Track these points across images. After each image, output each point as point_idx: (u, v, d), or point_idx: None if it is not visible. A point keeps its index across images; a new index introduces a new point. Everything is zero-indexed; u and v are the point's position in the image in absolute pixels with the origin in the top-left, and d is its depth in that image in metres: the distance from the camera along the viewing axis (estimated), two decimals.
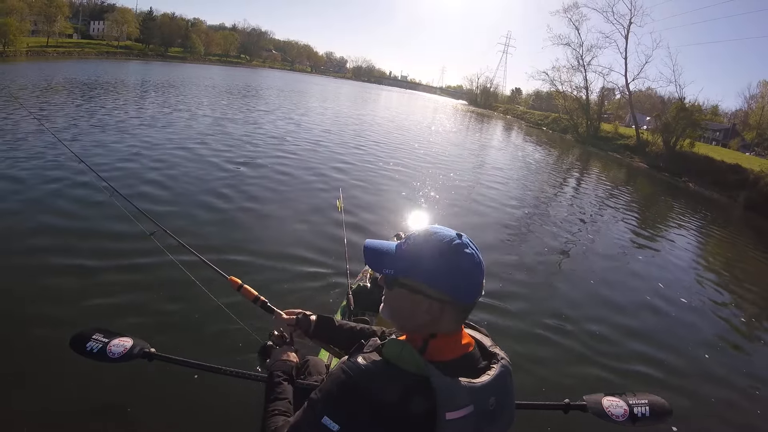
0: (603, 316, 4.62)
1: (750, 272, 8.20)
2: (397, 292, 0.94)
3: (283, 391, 1.20)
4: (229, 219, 5.38)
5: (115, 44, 54.68)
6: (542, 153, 22.96)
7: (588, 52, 37.17)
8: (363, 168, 9.53)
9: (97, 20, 59.73)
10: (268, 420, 1.12)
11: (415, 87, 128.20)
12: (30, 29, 38.97)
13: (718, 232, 11.60)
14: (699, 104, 29.23)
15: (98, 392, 2.47)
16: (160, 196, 5.76)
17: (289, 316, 1.50)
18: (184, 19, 72.28)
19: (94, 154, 7.30)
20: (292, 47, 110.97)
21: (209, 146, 9.12)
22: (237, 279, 1.71)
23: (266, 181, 7.29)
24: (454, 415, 0.82)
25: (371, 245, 1.00)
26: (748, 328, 5.32)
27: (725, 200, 18.23)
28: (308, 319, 1.46)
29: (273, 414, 1.13)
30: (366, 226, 5.80)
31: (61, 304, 3.23)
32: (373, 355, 0.93)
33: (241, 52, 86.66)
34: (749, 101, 46.63)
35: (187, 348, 2.87)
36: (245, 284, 1.70)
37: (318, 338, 1.47)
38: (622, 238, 8.18)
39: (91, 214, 4.81)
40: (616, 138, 32.17)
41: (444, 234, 0.93)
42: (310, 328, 1.45)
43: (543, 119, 47.30)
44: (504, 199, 9.25)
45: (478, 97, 76.55)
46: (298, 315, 1.47)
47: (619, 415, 1.57)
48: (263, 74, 56.95)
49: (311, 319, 1.46)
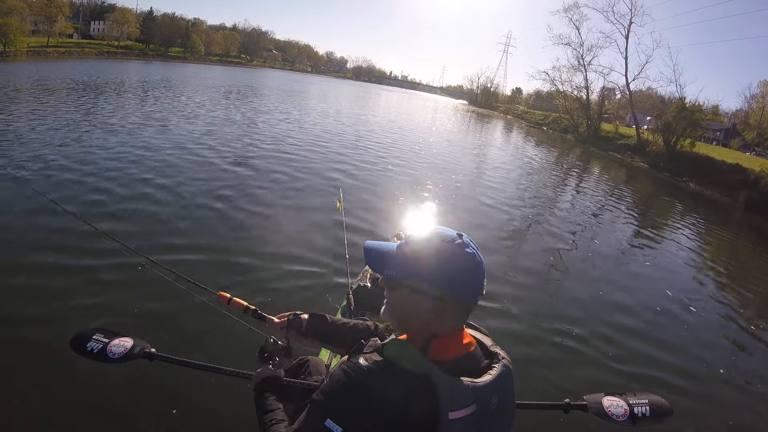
0: (603, 316, 4.62)
1: (751, 272, 8.20)
2: (399, 293, 0.94)
3: (273, 402, 1.20)
4: (229, 219, 5.38)
5: (115, 44, 54.72)
6: (543, 153, 22.94)
7: (588, 52, 37.31)
8: (363, 168, 9.52)
9: (98, 20, 59.77)
10: (269, 429, 1.12)
11: (415, 87, 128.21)
12: (30, 29, 39.01)
13: (719, 232, 11.58)
14: (699, 104, 29.26)
15: (98, 392, 2.48)
16: (157, 198, 5.77)
17: (280, 319, 1.50)
18: (185, 19, 72.41)
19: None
20: (292, 47, 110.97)
21: (209, 146, 9.12)
22: (226, 294, 1.71)
23: (266, 181, 7.29)
24: (456, 414, 0.82)
25: (371, 246, 1.00)
26: (748, 328, 5.32)
27: (726, 200, 18.21)
28: (299, 318, 1.46)
29: (272, 423, 1.13)
30: (366, 227, 5.80)
31: (60, 305, 3.23)
32: (374, 355, 0.93)
33: (241, 52, 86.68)
34: (750, 101, 46.78)
35: (188, 348, 2.88)
36: (234, 297, 1.70)
37: (312, 336, 1.47)
38: (622, 238, 8.18)
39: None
40: (616, 138, 32.18)
41: (445, 234, 0.93)
42: (302, 327, 1.45)
43: (543, 119, 47.31)
44: (504, 199, 9.24)
45: (479, 97, 76.58)
46: (288, 316, 1.48)
47: (620, 414, 1.56)
48: (264, 74, 56.96)
49: (302, 318, 1.46)
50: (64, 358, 1.88)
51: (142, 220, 4.97)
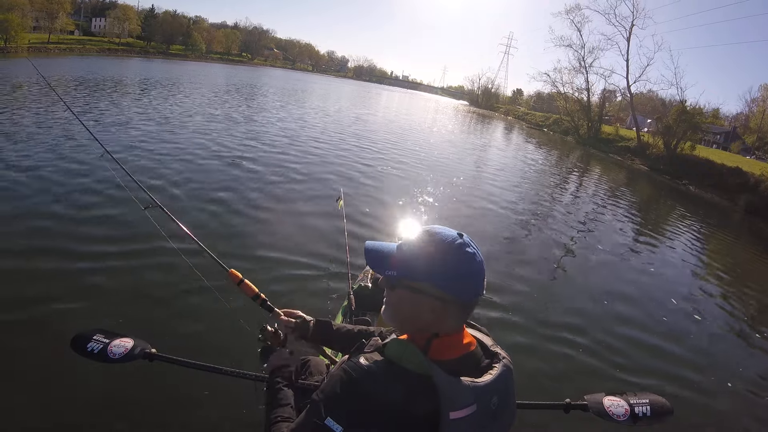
0: (604, 317, 4.63)
1: (751, 275, 8.22)
2: (400, 294, 0.94)
3: (285, 397, 1.20)
4: (229, 219, 5.38)
5: (116, 41, 54.64)
6: (543, 154, 22.96)
7: (590, 54, 37.26)
8: (364, 168, 9.52)
9: (99, 17, 59.68)
10: (273, 427, 1.12)
11: (416, 87, 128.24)
12: (32, 25, 38.94)
13: (719, 235, 11.60)
14: (700, 107, 29.21)
15: (99, 393, 2.47)
16: (163, 190, 5.76)
17: (287, 317, 1.50)
18: (186, 17, 72.22)
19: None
20: (293, 46, 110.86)
21: (209, 146, 9.13)
22: (238, 273, 1.71)
23: (266, 180, 7.29)
24: (457, 414, 0.81)
25: (372, 247, 0.99)
26: (748, 329, 5.33)
27: (726, 203, 18.22)
28: (307, 324, 1.45)
29: (276, 421, 1.13)
30: (367, 227, 5.80)
31: (59, 302, 3.23)
32: (375, 354, 0.93)
33: (242, 50, 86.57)
34: (750, 105, 46.72)
35: (188, 348, 2.87)
36: (246, 279, 1.70)
37: (315, 341, 1.47)
38: (622, 241, 8.18)
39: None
40: (617, 140, 32.19)
41: (445, 234, 0.93)
42: (308, 333, 1.45)
43: (544, 120, 47.31)
44: (505, 200, 9.25)
45: (479, 98, 76.65)
46: (296, 320, 1.47)
47: (620, 414, 1.57)
48: (265, 73, 56.94)
49: (309, 325, 1.45)
50: (65, 358, 1.87)
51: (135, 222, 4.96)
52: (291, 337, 1.48)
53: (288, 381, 1.27)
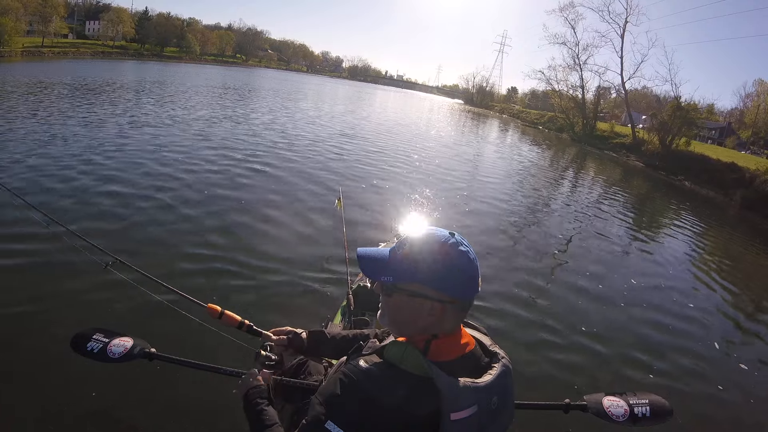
0: (602, 316, 4.63)
1: (747, 270, 8.26)
2: (397, 299, 0.93)
3: (271, 417, 1.14)
4: (229, 218, 5.36)
5: (110, 44, 54.43)
6: (538, 152, 22.99)
7: (584, 51, 37.44)
8: (361, 169, 9.51)
9: (93, 20, 59.43)
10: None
11: (411, 86, 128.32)
12: (26, 29, 38.64)
13: (715, 230, 11.65)
14: (695, 103, 29.28)
15: (99, 392, 2.47)
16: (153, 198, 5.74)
17: (278, 336, 1.46)
18: (180, 19, 72.09)
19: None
20: (288, 47, 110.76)
21: (208, 146, 9.09)
22: (216, 306, 1.66)
23: (265, 181, 7.27)
24: (458, 415, 0.82)
25: (365, 254, 0.98)
26: (747, 326, 5.35)
27: (721, 198, 18.29)
28: (299, 337, 1.43)
29: (264, 428, 1.11)
30: (366, 228, 5.79)
31: (59, 304, 3.22)
32: (374, 357, 0.93)
33: (237, 51, 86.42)
34: (745, 100, 47.05)
35: (188, 348, 2.86)
36: (226, 310, 1.65)
37: (312, 353, 1.46)
38: (619, 238, 8.19)
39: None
40: (612, 137, 32.29)
41: (438, 234, 0.93)
42: (303, 346, 1.43)
43: (539, 118, 47.39)
44: (500, 199, 9.25)
45: (475, 97, 76.66)
46: (288, 335, 1.44)
47: (620, 414, 1.57)
48: (259, 74, 56.79)
49: (302, 337, 1.43)
50: (64, 358, 1.86)
51: (133, 222, 4.94)
52: (287, 355, 1.46)
53: (266, 398, 1.23)
